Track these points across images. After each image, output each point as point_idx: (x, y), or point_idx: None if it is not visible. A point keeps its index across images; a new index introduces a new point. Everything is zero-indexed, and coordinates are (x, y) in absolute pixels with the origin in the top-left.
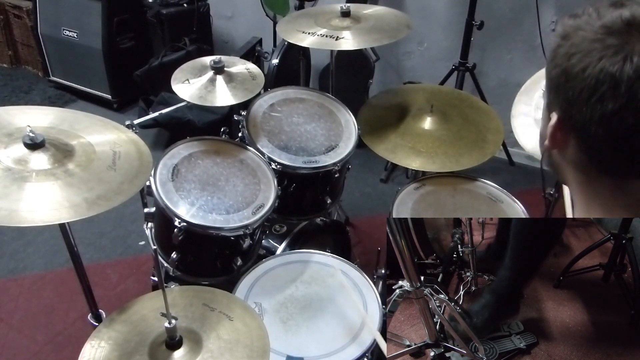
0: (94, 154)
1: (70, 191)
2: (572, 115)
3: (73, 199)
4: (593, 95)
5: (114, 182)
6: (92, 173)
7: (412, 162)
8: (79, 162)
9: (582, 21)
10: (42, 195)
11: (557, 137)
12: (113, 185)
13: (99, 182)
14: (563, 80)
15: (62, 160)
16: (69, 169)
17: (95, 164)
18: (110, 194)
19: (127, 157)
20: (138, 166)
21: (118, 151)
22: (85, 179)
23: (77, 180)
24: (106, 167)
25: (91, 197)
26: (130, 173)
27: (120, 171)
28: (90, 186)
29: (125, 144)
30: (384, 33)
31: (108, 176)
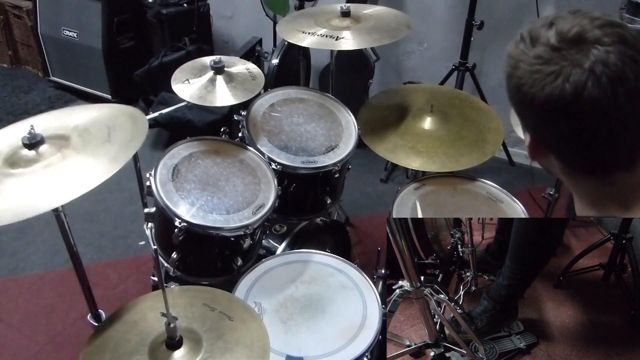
0: (89, 134)
1: (67, 173)
2: (541, 136)
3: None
4: (548, 120)
5: (110, 154)
6: (89, 152)
7: (412, 162)
8: (76, 147)
9: (520, 51)
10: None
11: (536, 152)
12: (109, 156)
13: (95, 158)
14: (521, 110)
15: (59, 150)
16: (66, 154)
17: (91, 143)
18: (106, 165)
19: (122, 127)
20: (133, 130)
21: (113, 125)
22: (82, 159)
23: (73, 162)
24: (102, 142)
25: (88, 173)
26: (126, 140)
27: (115, 142)
28: (87, 163)
29: (119, 116)
30: (384, 33)
31: (104, 149)
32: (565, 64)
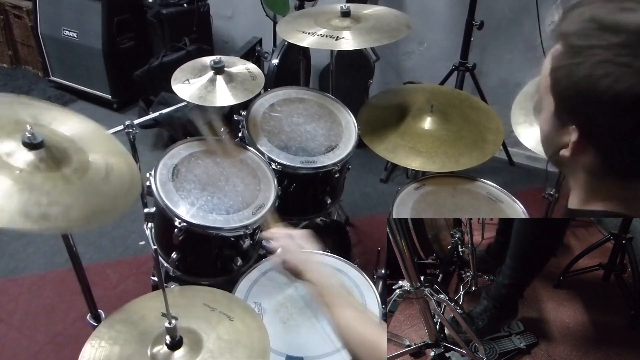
0: (88, 163)
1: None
2: (592, 132)
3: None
4: (616, 116)
5: (109, 196)
6: (89, 184)
7: (412, 162)
8: (76, 169)
9: (590, 32)
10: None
11: (578, 148)
12: (108, 199)
13: (96, 195)
14: (588, 103)
15: (57, 165)
16: (66, 175)
17: (90, 174)
18: (106, 208)
19: (119, 170)
20: (129, 181)
21: (110, 163)
22: (83, 189)
23: (75, 189)
24: (101, 179)
25: (89, 210)
26: (124, 187)
27: (113, 185)
28: (87, 198)
29: (116, 155)
30: (383, 33)
31: (103, 189)
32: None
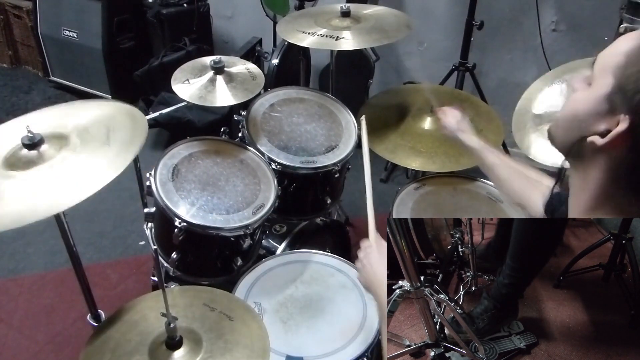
0: (88, 134)
1: (64, 178)
2: None
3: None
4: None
5: (108, 158)
6: (90, 152)
7: (412, 162)
8: (74, 148)
9: None
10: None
11: (619, 139)
12: (106, 161)
13: (93, 162)
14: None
15: (59, 151)
16: (65, 157)
17: (89, 145)
18: (103, 170)
19: (121, 128)
20: (132, 131)
21: (112, 125)
22: (79, 163)
23: (70, 166)
24: (101, 144)
25: (84, 180)
26: (125, 143)
27: (114, 144)
28: (90, 163)
29: (118, 115)
30: (384, 33)
31: (102, 153)
32: None
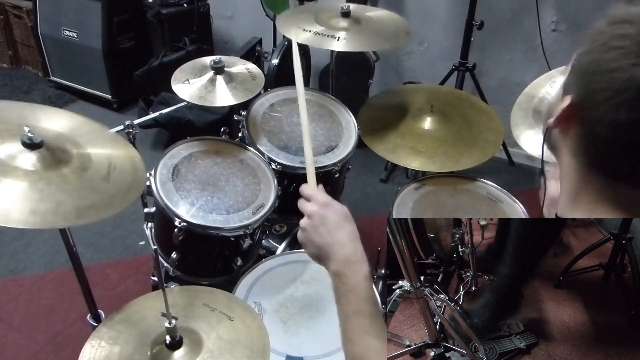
0: (90, 163)
1: (61, 197)
2: (585, 107)
3: (65, 205)
4: (613, 98)
5: (106, 195)
6: (86, 182)
7: (412, 162)
8: (74, 169)
9: (633, 12)
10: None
11: (564, 119)
12: (105, 197)
13: (91, 192)
14: (590, 70)
15: (57, 164)
16: (63, 174)
17: (89, 172)
18: (101, 206)
19: (122, 171)
20: (131, 182)
21: (114, 163)
22: (79, 186)
23: (70, 187)
24: (100, 177)
25: (82, 206)
26: (124, 187)
27: (114, 184)
28: (82, 195)
29: (122, 158)
30: (382, 37)
31: (101, 187)
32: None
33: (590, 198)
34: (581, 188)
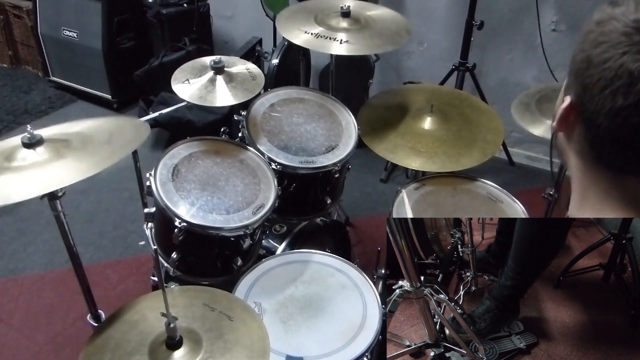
0: (91, 138)
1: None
2: (584, 102)
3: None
4: (608, 87)
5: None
6: (89, 150)
7: (412, 162)
8: (75, 147)
9: (619, 11)
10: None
11: (566, 120)
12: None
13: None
14: (584, 67)
15: (59, 150)
16: (66, 152)
17: (92, 144)
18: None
19: (124, 132)
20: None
21: (115, 130)
22: (82, 155)
23: (72, 157)
24: (103, 144)
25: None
26: (126, 140)
27: (116, 143)
28: (87, 157)
29: (123, 124)
30: (384, 39)
31: (104, 149)
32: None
33: (597, 197)
34: (589, 188)
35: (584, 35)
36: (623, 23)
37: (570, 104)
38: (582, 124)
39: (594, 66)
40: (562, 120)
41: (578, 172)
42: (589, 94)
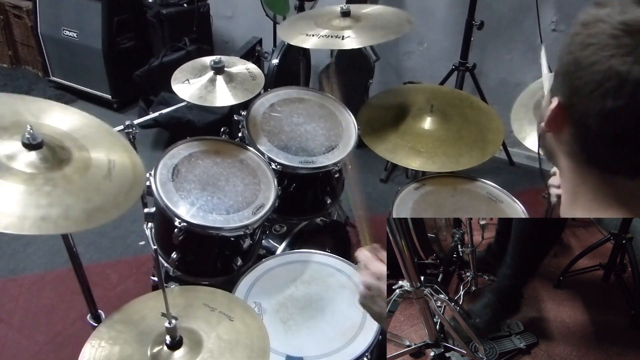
0: (90, 161)
1: (69, 200)
2: (573, 104)
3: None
4: (597, 89)
5: (111, 194)
6: (90, 182)
7: (412, 162)
8: (76, 169)
9: (604, 12)
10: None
11: (555, 121)
12: (110, 197)
13: (97, 193)
14: (572, 69)
15: (59, 165)
16: (67, 175)
17: (92, 171)
18: (107, 206)
19: (122, 167)
20: (132, 178)
21: (112, 160)
22: (84, 187)
23: (75, 188)
24: (102, 176)
25: (89, 209)
26: (126, 184)
27: (116, 182)
28: (88, 197)
29: (119, 151)
30: (386, 30)
31: (105, 187)
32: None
33: (588, 196)
34: (579, 187)
35: (570, 37)
36: (610, 25)
37: (558, 105)
38: (571, 125)
39: (583, 68)
40: (551, 121)
41: (568, 173)
42: (578, 96)
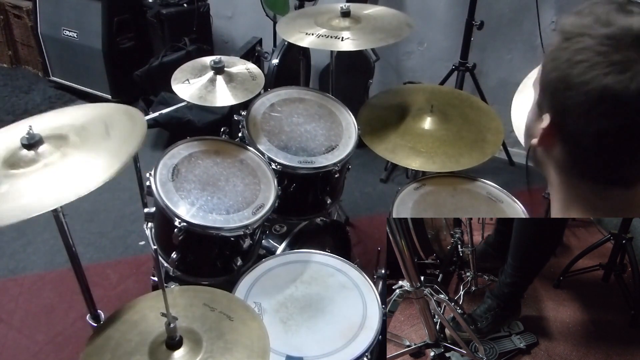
0: (87, 132)
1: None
2: (565, 122)
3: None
4: (593, 109)
5: (110, 150)
6: (89, 148)
7: (412, 162)
8: (74, 144)
9: (586, 24)
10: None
11: (546, 138)
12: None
13: (97, 155)
14: (562, 87)
15: (59, 148)
16: (67, 153)
17: (90, 140)
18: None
19: (119, 123)
20: (131, 126)
21: (110, 121)
22: (83, 158)
23: (75, 161)
24: (101, 138)
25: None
26: (125, 135)
27: (114, 137)
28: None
29: (115, 114)
30: (386, 33)
31: (104, 145)
32: None
33: (581, 208)
34: (572, 200)
35: (553, 51)
36: (595, 40)
37: (550, 124)
38: (563, 142)
39: (573, 87)
40: (543, 138)
41: (559, 185)
42: (571, 116)
